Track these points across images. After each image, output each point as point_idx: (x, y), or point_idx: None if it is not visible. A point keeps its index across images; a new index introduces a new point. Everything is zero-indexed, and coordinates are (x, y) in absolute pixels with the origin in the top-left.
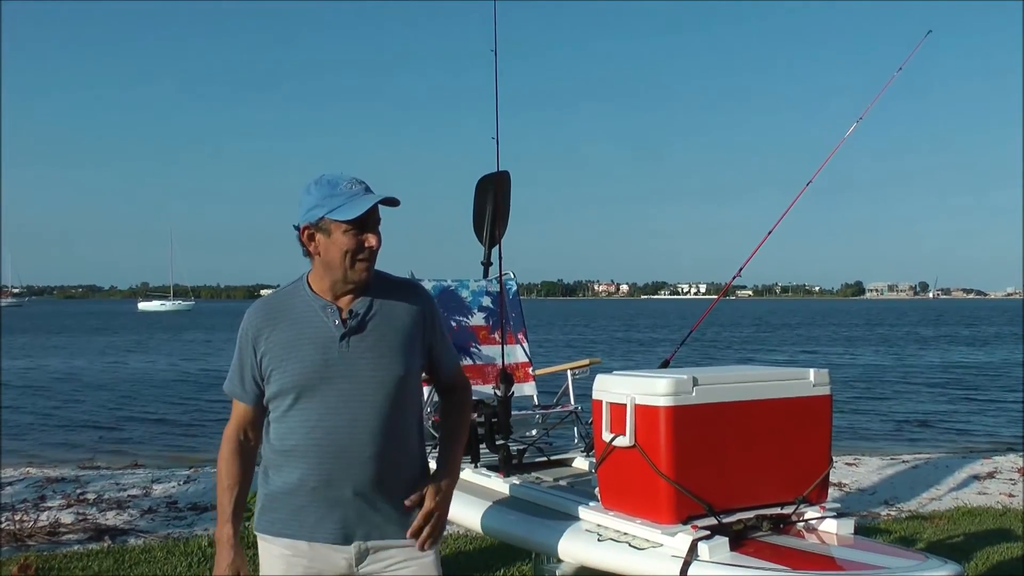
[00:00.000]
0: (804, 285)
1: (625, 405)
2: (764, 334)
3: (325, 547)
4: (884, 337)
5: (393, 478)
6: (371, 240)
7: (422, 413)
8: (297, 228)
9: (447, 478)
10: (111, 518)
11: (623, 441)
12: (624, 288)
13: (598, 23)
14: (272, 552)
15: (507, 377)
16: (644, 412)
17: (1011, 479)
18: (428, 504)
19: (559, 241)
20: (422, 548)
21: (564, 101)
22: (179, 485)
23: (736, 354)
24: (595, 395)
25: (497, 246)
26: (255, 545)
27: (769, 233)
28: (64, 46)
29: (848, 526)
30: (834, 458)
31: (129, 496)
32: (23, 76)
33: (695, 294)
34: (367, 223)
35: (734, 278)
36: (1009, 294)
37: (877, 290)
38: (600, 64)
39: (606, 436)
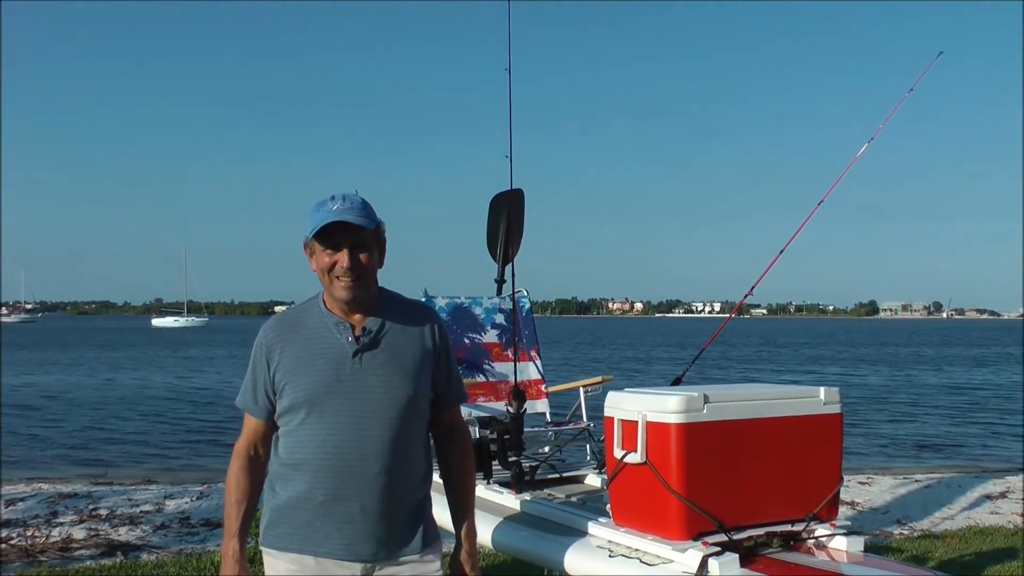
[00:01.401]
0: (818, 304)
1: (636, 422)
2: (774, 352)
3: (331, 563)
4: (895, 357)
5: (400, 496)
6: (342, 259)
7: (429, 434)
8: None
9: (469, 541)
10: (123, 534)
11: (634, 458)
12: (638, 306)
13: (616, 43)
14: (278, 567)
15: (519, 394)
16: (655, 429)
17: (1023, 499)
18: None
19: (573, 259)
20: None
21: (582, 120)
22: (192, 501)
23: (749, 373)
24: (607, 412)
25: (510, 264)
26: (260, 561)
27: (781, 252)
28: (79, 60)
29: (858, 543)
30: (847, 477)
31: (142, 512)
32: (38, 91)
33: (709, 312)
34: (338, 242)
35: (746, 296)
36: (1022, 314)
37: (891, 309)
38: (619, 84)
39: (617, 453)
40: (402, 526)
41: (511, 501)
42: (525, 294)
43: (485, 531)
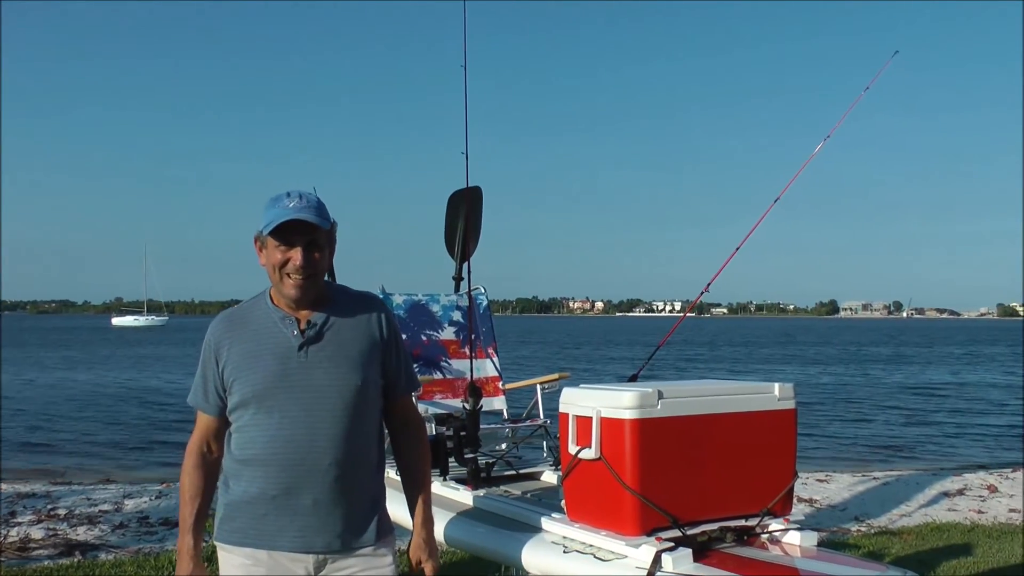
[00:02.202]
0: (779, 303)
1: (591, 418)
2: (735, 351)
3: (284, 556)
4: (853, 356)
5: (353, 487)
6: (296, 257)
7: (381, 425)
8: None
9: (426, 529)
10: (82, 533)
11: (589, 454)
12: (599, 305)
13: (573, 46)
14: (232, 562)
15: (475, 390)
16: (609, 425)
17: (980, 496)
18: (430, 570)
19: (535, 258)
20: None
21: (543, 121)
22: (150, 500)
23: (708, 372)
24: (562, 408)
25: (468, 261)
26: (215, 559)
27: (736, 250)
28: (31, 56)
29: (811, 538)
30: (806, 475)
31: (100, 511)
32: None
33: (670, 311)
34: (293, 240)
35: (701, 294)
36: (982, 314)
37: (851, 309)
38: (580, 83)
39: (572, 449)
40: (355, 518)
41: (467, 498)
42: (482, 291)
43: (440, 527)
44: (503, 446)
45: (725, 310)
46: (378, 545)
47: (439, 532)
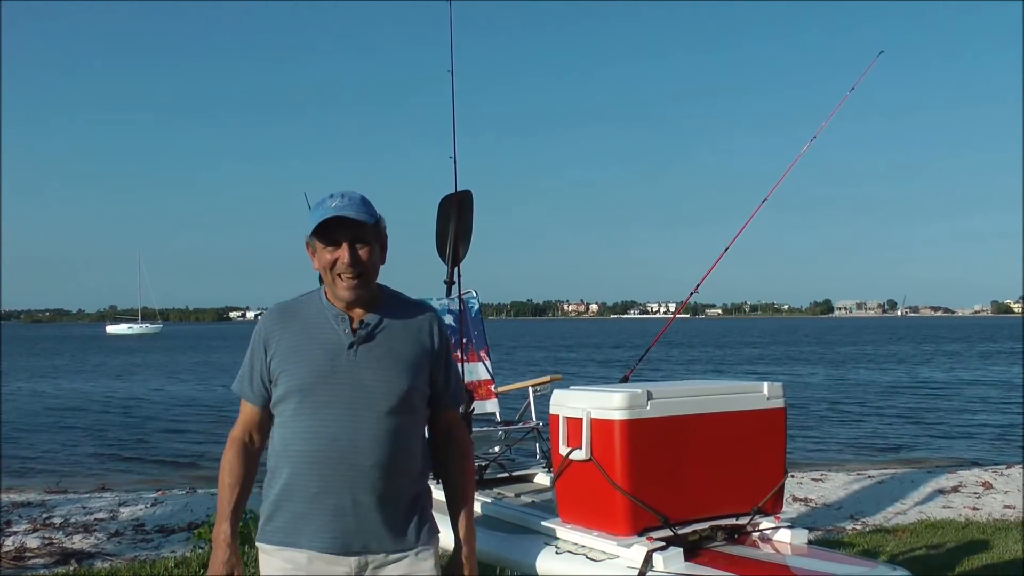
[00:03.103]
0: (773, 303)
1: (581, 419)
2: (731, 352)
3: (324, 558)
4: (849, 355)
5: (394, 490)
6: (343, 255)
7: (425, 435)
8: None
9: (468, 546)
10: (77, 542)
11: (579, 455)
12: (594, 308)
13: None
14: (271, 564)
15: (468, 394)
16: (600, 426)
17: (975, 493)
18: None
19: (529, 261)
20: None
21: (536, 122)
22: (146, 508)
23: (703, 372)
24: (552, 410)
25: (459, 265)
26: (254, 562)
27: (725, 251)
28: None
29: (802, 536)
30: (800, 474)
31: (96, 520)
32: None
33: (664, 313)
34: (338, 238)
35: (691, 295)
36: (977, 311)
37: (846, 308)
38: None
39: (563, 450)
40: (395, 521)
41: None
42: (474, 295)
43: None
44: (496, 449)
45: (719, 311)
46: (420, 548)
47: None
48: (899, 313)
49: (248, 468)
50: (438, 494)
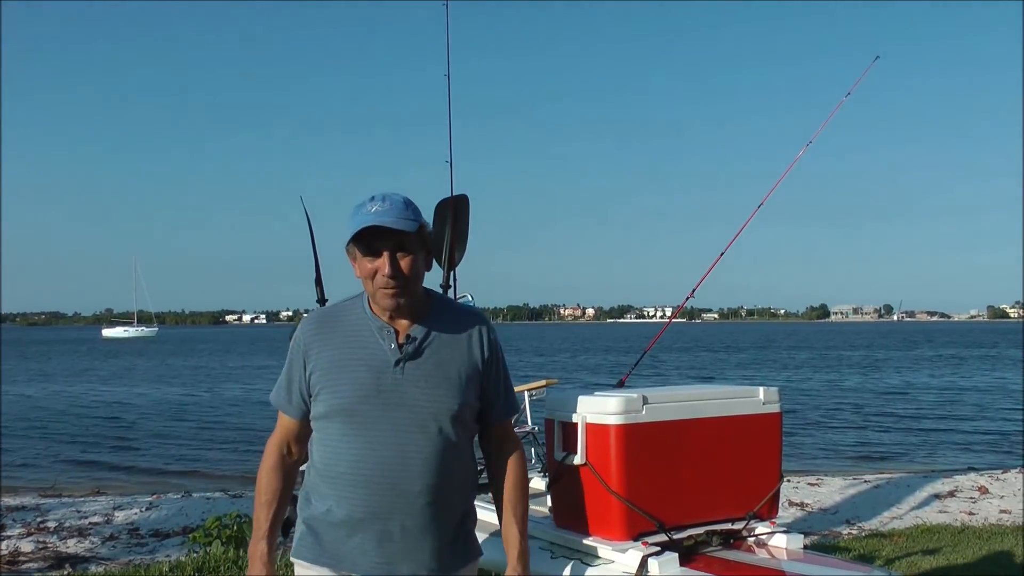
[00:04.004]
0: (769, 308)
1: (577, 424)
2: (727, 356)
3: None
4: (845, 360)
5: (443, 514)
6: (383, 267)
7: (474, 450)
8: None
9: (522, 564)
10: (72, 546)
11: (575, 459)
12: (590, 312)
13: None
14: None
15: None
16: (595, 431)
17: (971, 497)
18: None
19: (526, 266)
20: None
21: (535, 126)
22: (141, 512)
23: (697, 376)
24: (547, 414)
25: (455, 269)
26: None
27: (721, 255)
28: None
29: (798, 541)
30: (797, 479)
31: (90, 523)
32: None
33: (660, 317)
34: (378, 247)
35: (687, 299)
36: (972, 316)
37: (842, 313)
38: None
39: (558, 455)
40: (442, 545)
41: None
42: (470, 299)
43: None
44: None
45: (716, 315)
46: (464, 571)
47: None
48: (895, 318)
49: (287, 482)
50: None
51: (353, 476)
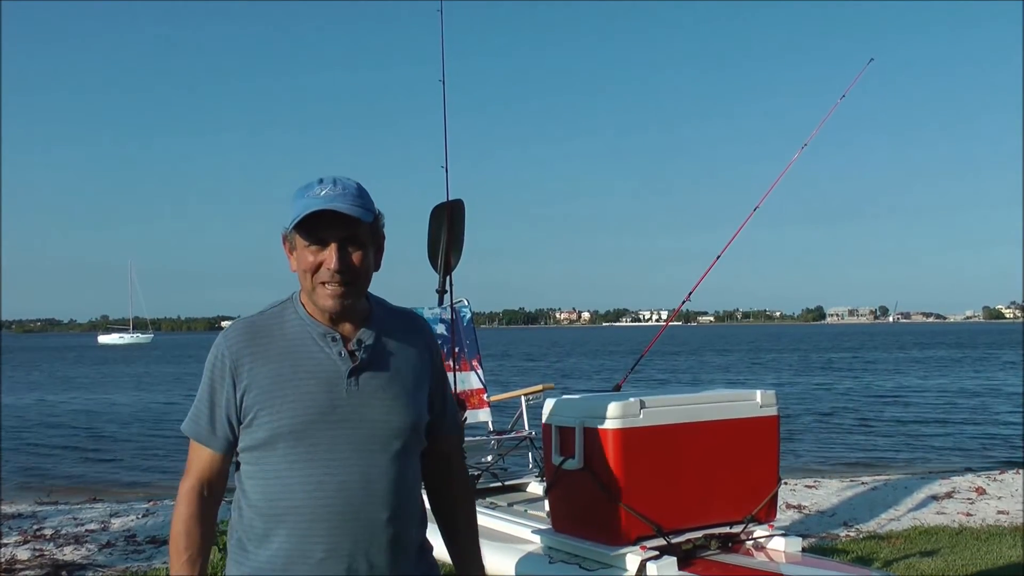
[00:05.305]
0: (765, 311)
1: (574, 429)
2: (724, 359)
3: None
4: (839, 361)
5: (407, 541)
6: (329, 259)
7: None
8: None
9: None
10: (69, 553)
11: (573, 464)
12: (586, 316)
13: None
14: None
15: (460, 403)
16: (593, 435)
17: (968, 498)
18: None
19: (521, 270)
20: None
21: (530, 130)
22: (138, 518)
23: (695, 380)
24: (545, 419)
25: (451, 274)
26: None
27: (717, 258)
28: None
29: (796, 544)
30: (794, 481)
31: (87, 531)
32: None
33: (656, 320)
34: (325, 237)
35: (683, 303)
36: (968, 317)
37: (838, 315)
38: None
39: (556, 459)
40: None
41: None
42: (466, 304)
43: None
44: (489, 458)
45: (712, 318)
46: None
47: None
48: (891, 319)
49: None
50: None
51: (311, 509)
